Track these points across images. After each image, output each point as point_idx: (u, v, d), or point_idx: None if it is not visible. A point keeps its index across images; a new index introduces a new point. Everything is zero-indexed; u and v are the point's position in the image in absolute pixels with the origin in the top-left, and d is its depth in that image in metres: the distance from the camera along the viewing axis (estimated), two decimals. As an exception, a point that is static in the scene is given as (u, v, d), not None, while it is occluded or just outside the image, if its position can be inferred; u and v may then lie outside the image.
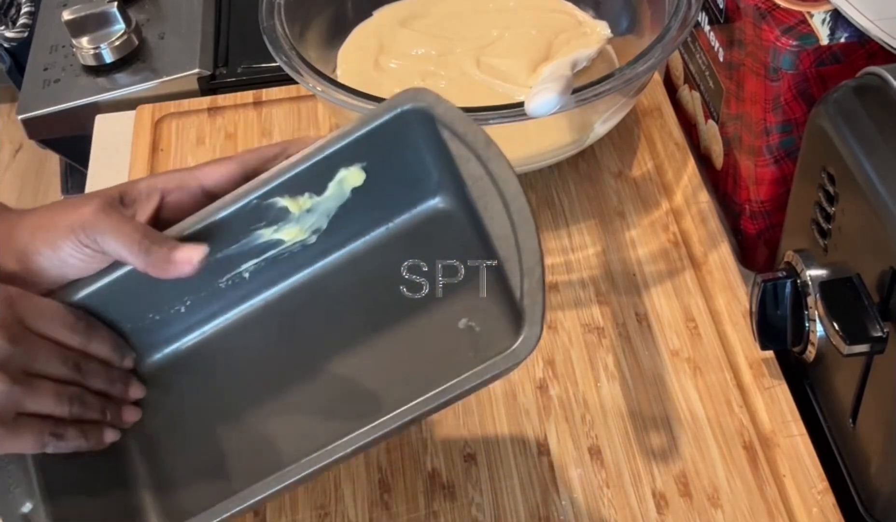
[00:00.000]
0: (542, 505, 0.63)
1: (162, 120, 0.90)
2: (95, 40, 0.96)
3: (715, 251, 0.76)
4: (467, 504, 0.64)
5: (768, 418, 0.66)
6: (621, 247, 0.77)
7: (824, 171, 0.59)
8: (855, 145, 0.56)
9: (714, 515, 0.62)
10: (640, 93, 0.81)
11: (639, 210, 0.79)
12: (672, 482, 0.64)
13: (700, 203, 0.79)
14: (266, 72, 0.96)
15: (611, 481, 0.64)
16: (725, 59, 0.74)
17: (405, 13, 0.88)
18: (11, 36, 1.12)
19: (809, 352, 0.64)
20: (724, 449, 0.65)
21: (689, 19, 0.73)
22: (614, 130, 0.82)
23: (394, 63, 0.83)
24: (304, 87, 0.73)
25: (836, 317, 0.56)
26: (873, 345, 0.55)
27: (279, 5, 0.79)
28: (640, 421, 0.67)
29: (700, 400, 0.67)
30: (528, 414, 0.68)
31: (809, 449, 0.65)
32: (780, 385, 0.68)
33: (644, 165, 0.83)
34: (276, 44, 0.76)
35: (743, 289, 0.73)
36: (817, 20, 0.64)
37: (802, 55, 0.64)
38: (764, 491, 0.63)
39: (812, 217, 0.61)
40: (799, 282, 0.63)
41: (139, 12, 1.03)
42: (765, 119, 0.69)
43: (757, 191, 0.73)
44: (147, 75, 0.96)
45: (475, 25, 0.86)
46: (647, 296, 0.74)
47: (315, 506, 0.64)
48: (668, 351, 0.70)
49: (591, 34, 0.85)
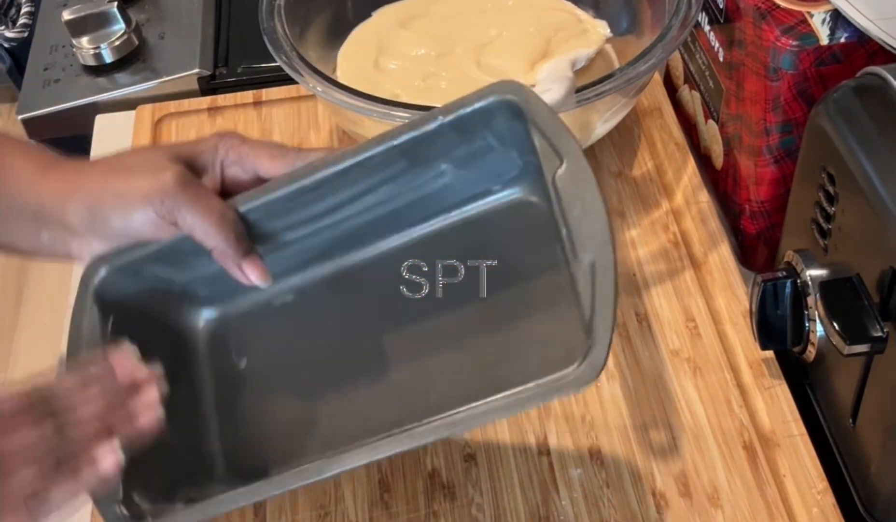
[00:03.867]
0: (542, 505, 0.63)
1: (162, 120, 0.90)
2: (95, 40, 0.96)
3: (715, 251, 0.76)
4: (467, 504, 0.64)
5: (768, 418, 0.66)
6: (621, 247, 0.77)
7: (824, 171, 0.59)
8: (855, 145, 0.56)
9: (714, 515, 0.62)
10: (640, 93, 0.81)
11: (639, 210, 0.79)
12: (672, 482, 0.64)
13: (700, 203, 0.79)
14: (266, 72, 0.96)
15: (611, 481, 0.64)
16: (725, 59, 0.74)
17: (404, 14, 0.88)
18: (11, 36, 1.12)
19: (809, 352, 0.64)
20: (724, 449, 0.65)
21: (689, 19, 0.73)
22: (614, 130, 0.82)
23: (393, 64, 0.83)
24: (305, 87, 0.73)
25: (836, 317, 0.56)
26: (873, 345, 0.55)
27: (279, 6, 0.79)
28: (640, 421, 0.67)
29: (700, 400, 0.67)
30: (528, 414, 0.68)
31: (809, 449, 0.65)
32: (780, 385, 0.68)
33: (644, 165, 0.83)
34: (277, 44, 0.76)
35: (743, 289, 0.73)
36: (817, 20, 0.64)
37: (802, 55, 0.64)
38: (764, 491, 0.63)
39: (812, 217, 0.61)
40: (799, 282, 0.63)
41: (139, 12, 1.03)
42: (765, 119, 0.69)
43: (757, 191, 0.73)
44: (147, 75, 0.96)
45: (474, 25, 0.86)
46: (647, 296, 0.74)
47: (315, 506, 0.64)
48: (668, 351, 0.70)
49: (591, 33, 0.85)
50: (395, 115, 0.69)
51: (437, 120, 0.55)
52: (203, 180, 0.57)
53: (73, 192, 0.56)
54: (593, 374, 0.48)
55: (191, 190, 0.55)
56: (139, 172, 0.55)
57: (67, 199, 0.56)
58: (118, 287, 0.59)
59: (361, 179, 0.58)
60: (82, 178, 0.56)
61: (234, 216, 0.56)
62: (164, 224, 0.55)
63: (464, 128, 0.56)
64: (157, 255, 0.58)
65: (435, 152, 0.57)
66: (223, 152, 0.57)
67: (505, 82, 0.55)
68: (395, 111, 0.69)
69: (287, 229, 0.60)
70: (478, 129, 0.56)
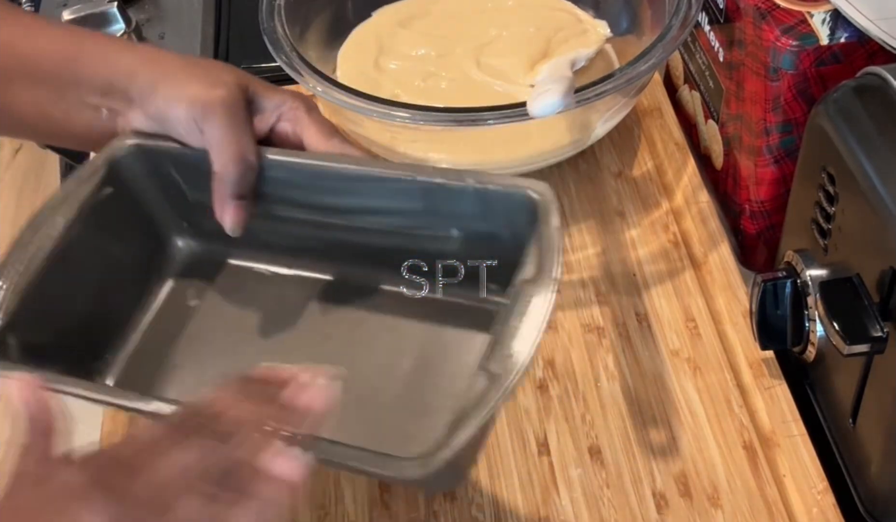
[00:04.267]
0: (542, 505, 0.63)
1: (162, 120, 0.90)
2: (95, 40, 0.96)
3: (715, 251, 0.76)
4: (467, 504, 0.64)
5: (768, 418, 0.66)
6: (621, 247, 0.77)
7: (824, 171, 0.59)
8: (855, 145, 0.56)
9: (714, 515, 0.62)
10: (640, 93, 0.81)
11: (639, 210, 0.79)
12: (672, 482, 0.64)
13: (700, 203, 0.79)
14: (266, 72, 0.95)
15: (611, 481, 0.64)
16: (725, 59, 0.74)
17: (404, 14, 0.88)
18: (11, 36, 1.12)
19: (809, 352, 0.64)
20: (724, 449, 0.65)
21: (689, 19, 0.73)
22: (614, 130, 0.82)
23: (393, 64, 0.83)
24: (305, 87, 0.73)
25: (836, 317, 0.56)
26: (873, 345, 0.55)
27: (279, 6, 0.79)
28: (641, 421, 0.67)
29: (700, 400, 0.67)
30: (528, 414, 0.68)
31: (809, 449, 0.65)
32: (780, 385, 0.68)
33: (644, 165, 0.83)
34: (277, 45, 0.76)
35: (743, 289, 0.73)
36: (817, 20, 0.64)
37: (802, 55, 0.64)
38: (764, 491, 0.63)
39: (812, 217, 0.61)
40: (799, 282, 0.63)
41: (139, 12, 1.03)
42: (765, 119, 0.69)
43: (757, 191, 0.73)
44: (147, 75, 0.96)
45: (474, 25, 0.86)
46: (647, 296, 0.74)
47: (315, 506, 0.64)
48: (668, 351, 0.70)
49: (591, 33, 0.85)
50: (395, 115, 0.69)
51: (464, 180, 0.57)
52: (255, 119, 0.60)
53: (143, 65, 0.60)
54: (419, 472, 0.46)
55: (229, 114, 0.58)
56: (202, 76, 0.59)
57: (138, 70, 0.59)
58: (132, 167, 0.62)
59: (379, 196, 0.59)
60: (155, 56, 0.61)
61: (253, 160, 0.59)
62: (194, 129, 0.58)
63: (485, 201, 0.57)
64: (178, 155, 0.61)
65: (451, 210, 0.58)
66: (286, 108, 0.60)
67: (538, 182, 0.55)
68: (395, 111, 0.69)
69: (291, 206, 0.61)
70: (497, 210, 0.57)
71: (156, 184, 0.63)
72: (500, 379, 0.47)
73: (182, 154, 0.60)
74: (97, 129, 0.62)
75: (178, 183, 0.63)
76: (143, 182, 0.63)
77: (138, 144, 0.61)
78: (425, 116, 0.70)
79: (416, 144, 0.77)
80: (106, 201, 0.61)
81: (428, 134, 0.75)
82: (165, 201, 0.64)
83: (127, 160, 0.61)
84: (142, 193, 0.63)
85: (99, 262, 0.61)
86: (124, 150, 0.61)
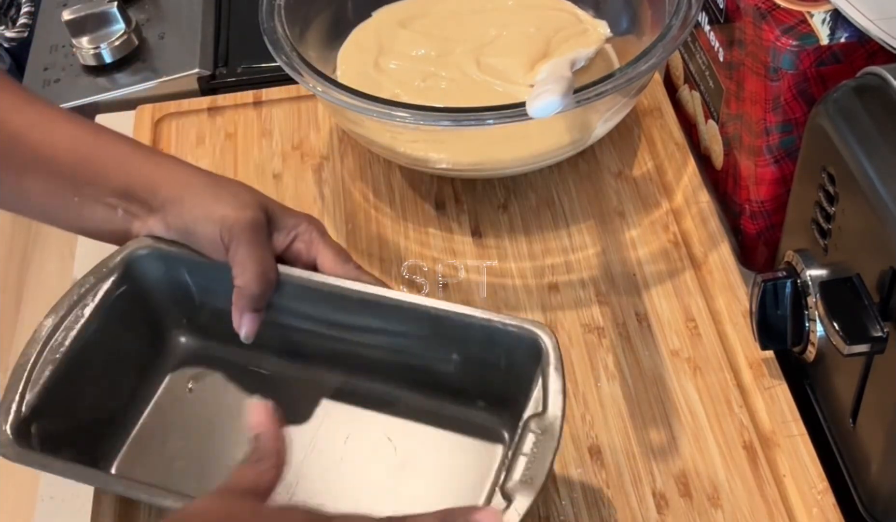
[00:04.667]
0: (542, 505, 0.63)
1: (162, 120, 0.90)
2: (95, 40, 0.96)
3: (715, 251, 0.76)
4: (467, 504, 0.64)
5: (768, 418, 0.66)
6: (621, 247, 0.77)
7: (824, 171, 0.59)
8: (855, 145, 0.56)
9: (714, 515, 0.62)
10: (640, 93, 0.81)
11: (639, 210, 0.79)
12: (672, 482, 0.64)
13: (700, 203, 0.79)
14: (266, 72, 0.96)
15: (611, 481, 0.64)
16: (725, 59, 0.74)
17: (404, 14, 0.88)
18: (11, 36, 1.12)
19: (809, 352, 0.64)
20: (724, 449, 0.65)
21: (689, 19, 0.73)
22: (614, 130, 0.82)
23: (394, 64, 0.83)
24: (305, 87, 0.73)
25: (836, 317, 0.56)
26: (873, 345, 0.55)
27: (279, 6, 0.79)
28: (640, 421, 0.67)
29: (700, 400, 0.67)
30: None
31: (809, 449, 0.65)
32: (780, 385, 0.68)
33: (644, 165, 0.83)
34: (277, 45, 0.76)
35: (743, 289, 0.73)
36: (817, 20, 0.64)
37: (802, 55, 0.64)
38: (764, 491, 0.63)
39: (812, 217, 0.61)
40: (799, 282, 0.63)
41: (139, 12, 1.03)
42: (765, 119, 0.69)
43: (757, 191, 0.73)
44: (147, 75, 0.96)
45: (474, 25, 0.86)
46: (647, 296, 0.74)
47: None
48: (668, 351, 0.70)
49: (591, 33, 0.85)
50: (395, 115, 0.69)
51: (472, 313, 0.60)
52: (273, 237, 0.63)
53: (166, 179, 0.63)
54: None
55: (256, 236, 0.61)
56: (229, 199, 0.62)
57: (160, 184, 0.63)
58: (149, 268, 0.65)
59: (389, 319, 0.62)
60: (175, 171, 0.64)
61: (273, 279, 0.62)
62: (220, 247, 0.61)
63: (489, 333, 0.60)
64: (195, 263, 0.64)
65: (456, 337, 0.61)
66: (302, 230, 0.64)
67: (541, 324, 0.59)
68: (395, 111, 0.69)
69: (301, 318, 0.65)
70: (498, 343, 0.60)
71: (167, 285, 0.66)
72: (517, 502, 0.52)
73: (199, 262, 0.64)
74: (110, 225, 0.64)
75: (189, 286, 0.66)
76: (156, 282, 0.66)
77: (157, 248, 0.64)
78: (425, 116, 0.70)
79: (416, 144, 0.77)
80: (120, 298, 0.64)
81: (428, 134, 0.75)
82: (173, 301, 0.67)
83: (144, 261, 0.65)
84: (153, 293, 0.67)
85: (109, 355, 0.64)
86: (143, 252, 0.65)
